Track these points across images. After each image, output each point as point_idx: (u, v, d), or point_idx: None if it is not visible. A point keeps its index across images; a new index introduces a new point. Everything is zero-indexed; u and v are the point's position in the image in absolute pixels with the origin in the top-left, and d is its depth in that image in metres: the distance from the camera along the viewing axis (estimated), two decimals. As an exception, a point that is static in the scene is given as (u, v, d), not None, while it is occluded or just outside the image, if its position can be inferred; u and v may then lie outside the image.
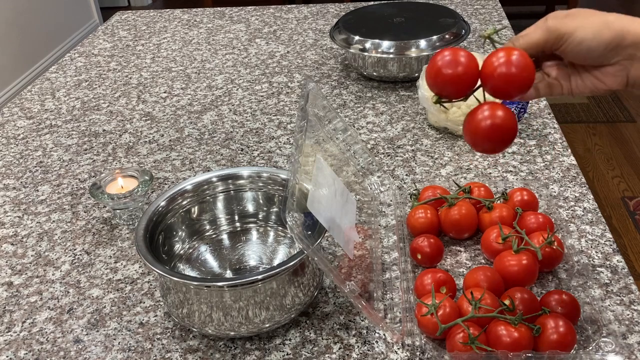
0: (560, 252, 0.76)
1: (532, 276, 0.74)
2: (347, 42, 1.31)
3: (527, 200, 0.85)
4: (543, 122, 1.12)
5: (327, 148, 0.84)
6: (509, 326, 0.65)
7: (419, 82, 1.12)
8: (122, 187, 0.93)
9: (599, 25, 0.58)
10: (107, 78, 1.46)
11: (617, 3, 4.09)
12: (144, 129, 1.22)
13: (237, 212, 0.86)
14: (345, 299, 0.77)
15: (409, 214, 0.86)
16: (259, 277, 0.66)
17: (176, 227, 0.82)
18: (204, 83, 1.39)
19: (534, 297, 0.70)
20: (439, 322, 0.67)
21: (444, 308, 0.68)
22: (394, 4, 1.47)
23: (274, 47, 1.56)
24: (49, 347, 0.74)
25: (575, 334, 0.66)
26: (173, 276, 0.67)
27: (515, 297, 0.69)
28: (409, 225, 0.85)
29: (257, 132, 1.17)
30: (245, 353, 0.71)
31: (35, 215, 0.99)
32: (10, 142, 1.22)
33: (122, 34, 1.73)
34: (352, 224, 0.80)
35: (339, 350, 0.71)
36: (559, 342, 0.64)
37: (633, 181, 2.40)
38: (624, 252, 2.04)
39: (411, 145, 1.09)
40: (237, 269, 0.81)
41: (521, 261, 0.74)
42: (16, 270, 0.87)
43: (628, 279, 0.77)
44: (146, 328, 0.76)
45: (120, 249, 0.90)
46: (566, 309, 0.69)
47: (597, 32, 0.58)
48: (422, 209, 0.85)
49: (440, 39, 1.26)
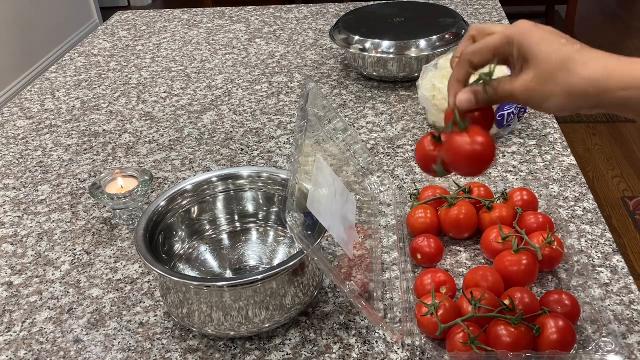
0: (560, 252, 0.76)
1: (532, 276, 0.74)
2: (347, 42, 1.30)
3: (527, 200, 0.85)
4: (543, 122, 1.12)
5: (327, 148, 0.84)
6: (509, 326, 0.65)
7: (419, 82, 1.12)
8: (122, 187, 0.93)
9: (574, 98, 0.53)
10: (107, 78, 1.46)
11: (616, 3, 4.09)
12: (144, 129, 1.22)
13: (237, 212, 0.86)
14: (345, 299, 0.77)
15: (409, 214, 0.86)
16: (258, 277, 0.66)
17: (176, 227, 0.82)
18: (204, 83, 1.39)
19: (534, 297, 0.70)
20: (439, 322, 0.67)
21: (444, 308, 0.68)
22: (394, 4, 1.47)
23: (274, 47, 1.56)
24: (49, 347, 0.74)
25: (575, 334, 0.66)
26: (173, 276, 0.67)
27: (515, 297, 0.69)
28: (409, 225, 0.85)
29: (257, 132, 1.17)
30: (245, 353, 0.71)
31: (35, 215, 0.99)
32: (10, 142, 1.22)
33: (122, 34, 1.73)
34: (352, 224, 0.80)
35: (339, 350, 0.71)
36: (559, 342, 0.64)
37: (633, 181, 2.40)
38: (624, 252, 2.04)
39: (411, 145, 1.09)
40: (237, 269, 0.81)
41: (521, 261, 0.74)
42: (16, 270, 0.87)
43: (628, 279, 0.77)
44: (146, 328, 0.76)
45: (120, 249, 0.90)
46: (566, 309, 0.69)
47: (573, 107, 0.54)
48: (422, 209, 0.85)
49: (440, 39, 1.26)
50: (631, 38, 3.55)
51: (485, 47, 0.58)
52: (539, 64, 0.54)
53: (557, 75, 0.54)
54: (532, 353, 0.64)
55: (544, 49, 0.54)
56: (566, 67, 0.53)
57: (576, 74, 0.53)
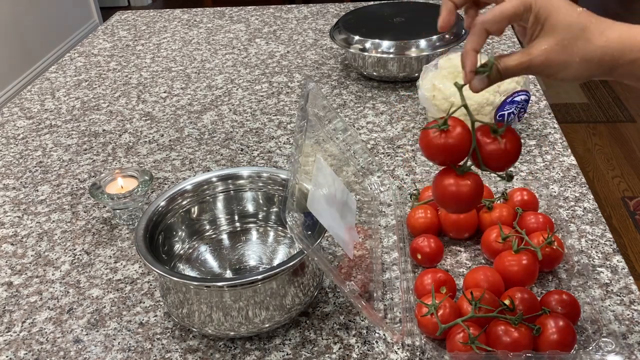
0: (560, 252, 0.76)
1: (532, 276, 0.74)
2: (347, 42, 1.30)
3: (527, 200, 0.85)
4: (543, 122, 1.12)
5: (327, 148, 0.84)
6: (509, 326, 0.65)
7: (419, 82, 1.12)
8: (122, 187, 0.93)
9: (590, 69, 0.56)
10: (107, 78, 1.46)
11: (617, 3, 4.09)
12: (144, 129, 1.22)
13: (237, 212, 0.85)
14: (345, 299, 0.77)
15: (409, 214, 0.86)
16: (258, 277, 0.66)
17: (176, 227, 0.82)
18: (204, 83, 1.39)
19: (534, 297, 0.70)
20: (439, 322, 0.67)
21: (444, 308, 0.68)
22: (394, 4, 1.47)
23: (274, 47, 1.56)
24: (48, 347, 0.74)
25: (575, 334, 0.66)
26: (173, 276, 0.67)
27: (515, 297, 0.69)
28: (409, 225, 0.85)
29: (257, 132, 1.17)
30: (245, 353, 0.71)
31: (35, 215, 0.99)
32: (10, 142, 1.22)
33: (122, 34, 1.73)
34: (352, 224, 0.80)
35: (339, 350, 0.71)
36: (559, 342, 0.64)
37: (633, 181, 2.40)
38: (624, 252, 2.04)
39: (411, 145, 1.09)
40: (237, 269, 0.81)
41: (521, 261, 0.74)
42: (16, 270, 0.87)
43: (628, 279, 0.77)
44: (146, 328, 0.76)
45: (120, 249, 0.90)
46: (566, 309, 0.69)
47: (584, 72, 0.56)
48: (422, 209, 0.85)
49: (440, 39, 1.26)
50: (631, 38, 3.54)
51: (501, 13, 0.57)
52: (560, 32, 0.55)
53: (576, 43, 0.55)
54: (532, 353, 0.63)
55: (564, 18, 0.55)
56: (584, 36, 0.55)
57: (593, 43, 0.55)
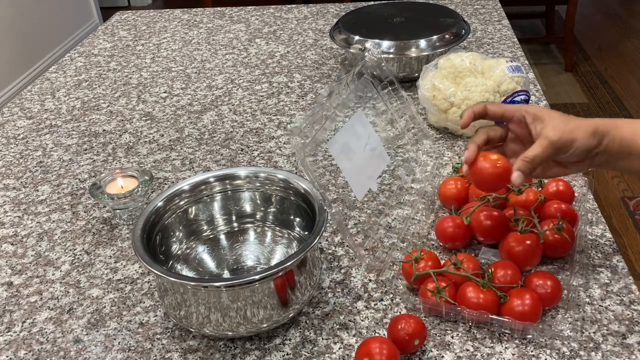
0: (568, 240, 0.78)
1: (533, 258, 0.77)
2: (347, 42, 1.30)
3: (562, 190, 0.87)
4: (543, 122, 1.12)
5: (378, 106, 0.94)
6: (478, 288, 0.70)
7: (419, 82, 1.12)
8: (122, 187, 0.93)
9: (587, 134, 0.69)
10: (107, 78, 1.46)
11: (617, 3, 4.09)
12: (144, 129, 1.22)
13: (235, 212, 0.85)
14: (345, 298, 0.77)
15: (442, 183, 0.92)
16: (256, 278, 0.66)
17: (173, 227, 0.82)
18: (204, 83, 1.39)
19: (519, 274, 0.73)
20: (415, 269, 0.75)
21: (425, 261, 0.76)
22: (394, 4, 1.47)
23: (274, 47, 1.56)
24: (49, 347, 0.74)
25: (539, 312, 0.69)
26: (170, 276, 0.67)
27: (507, 272, 0.73)
28: (441, 193, 0.91)
29: (257, 132, 1.17)
30: (245, 353, 0.71)
31: (35, 215, 0.99)
32: (10, 142, 1.22)
33: (122, 34, 1.73)
34: (374, 176, 0.87)
35: (339, 350, 0.71)
36: (521, 313, 0.68)
37: (633, 181, 2.40)
38: (624, 252, 2.04)
39: (411, 145, 1.09)
40: (234, 269, 0.81)
41: (524, 241, 0.76)
42: (16, 270, 0.87)
43: (628, 279, 0.77)
44: (146, 328, 0.76)
45: (120, 249, 0.90)
46: (544, 289, 0.71)
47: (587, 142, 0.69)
48: (453, 181, 0.91)
49: (440, 39, 1.26)
50: (631, 38, 3.54)
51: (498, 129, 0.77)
52: (554, 116, 0.71)
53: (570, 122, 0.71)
54: (486, 313, 0.68)
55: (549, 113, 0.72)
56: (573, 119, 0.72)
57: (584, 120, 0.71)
